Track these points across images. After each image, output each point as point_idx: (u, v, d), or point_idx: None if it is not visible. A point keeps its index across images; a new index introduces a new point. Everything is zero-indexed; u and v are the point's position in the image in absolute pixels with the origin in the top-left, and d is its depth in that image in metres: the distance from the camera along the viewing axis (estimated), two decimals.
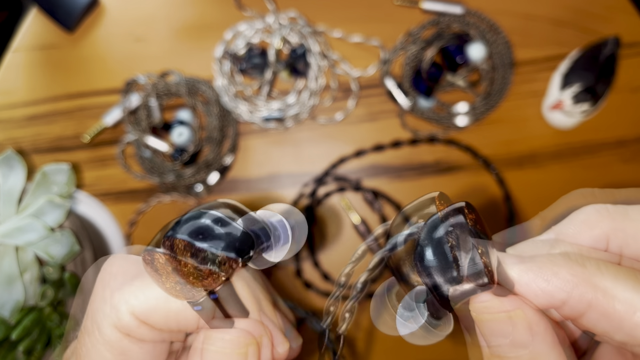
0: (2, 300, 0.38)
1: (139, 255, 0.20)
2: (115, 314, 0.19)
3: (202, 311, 0.19)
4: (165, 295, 0.19)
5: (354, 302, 0.19)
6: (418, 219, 0.18)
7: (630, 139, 0.50)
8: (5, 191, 0.41)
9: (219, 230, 0.18)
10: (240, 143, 0.51)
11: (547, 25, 0.51)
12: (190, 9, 0.52)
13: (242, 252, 0.18)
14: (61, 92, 0.51)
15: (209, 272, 0.18)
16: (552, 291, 0.16)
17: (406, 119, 0.50)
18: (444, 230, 0.17)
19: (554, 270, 0.17)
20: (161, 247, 0.18)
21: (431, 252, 0.17)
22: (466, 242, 0.16)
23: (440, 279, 0.17)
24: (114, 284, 0.19)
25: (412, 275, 0.18)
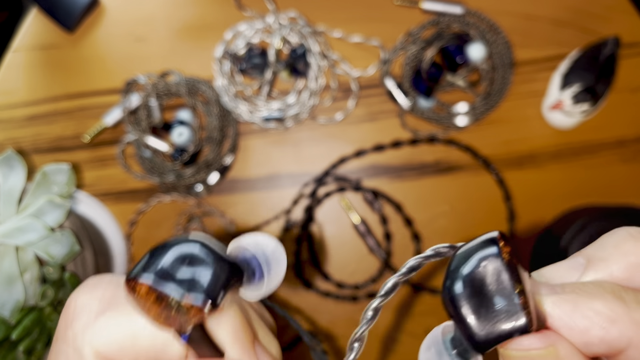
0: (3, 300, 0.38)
1: (106, 288, 0.19)
2: (79, 357, 0.17)
3: (190, 342, 0.17)
4: (132, 333, 0.17)
5: (364, 331, 0.17)
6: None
7: (630, 138, 0.50)
8: (5, 191, 0.41)
9: (186, 271, 0.16)
10: (240, 143, 0.51)
11: (547, 25, 0.51)
12: (190, 9, 0.52)
13: (209, 299, 0.16)
14: (61, 92, 0.51)
15: (175, 317, 0.16)
16: (589, 327, 0.15)
17: (406, 119, 0.50)
18: (475, 263, 0.15)
19: (590, 303, 0.15)
20: (124, 288, 0.16)
21: (461, 287, 0.15)
22: (501, 278, 0.15)
23: (470, 318, 0.15)
24: (77, 323, 0.18)
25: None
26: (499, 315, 0.15)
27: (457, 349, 0.16)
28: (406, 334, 0.49)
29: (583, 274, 0.17)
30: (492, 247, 0.15)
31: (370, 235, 0.49)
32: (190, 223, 0.50)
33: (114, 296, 0.18)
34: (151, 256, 0.16)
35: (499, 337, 0.15)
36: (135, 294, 0.16)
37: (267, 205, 0.50)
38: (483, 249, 0.15)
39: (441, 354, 0.17)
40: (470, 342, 0.15)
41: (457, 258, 0.15)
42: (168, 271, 0.16)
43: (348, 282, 0.49)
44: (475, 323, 0.15)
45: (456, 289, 0.15)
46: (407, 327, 0.49)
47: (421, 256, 0.17)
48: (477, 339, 0.15)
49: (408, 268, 0.17)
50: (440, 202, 0.50)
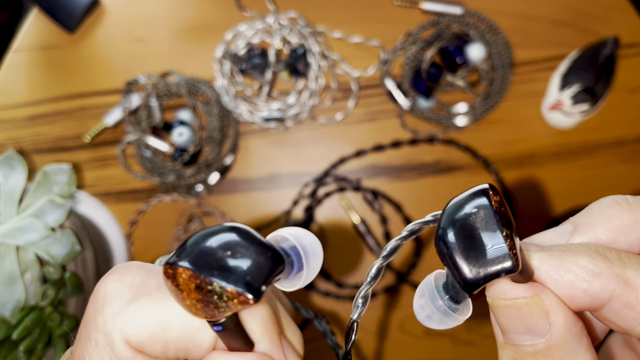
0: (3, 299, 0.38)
1: (135, 274, 0.19)
2: (109, 344, 0.17)
3: (222, 332, 0.17)
4: (164, 321, 0.17)
5: (368, 289, 0.18)
6: None
7: (629, 139, 0.50)
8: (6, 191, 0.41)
9: (229, 259, 0.16)
10: (240, 143, 0.51)
11: (547, 25, 0.51)
12: (190, 10, 0.52)
13: (254, 289, 0.16)
14: (62, 93, 0.51)
15: (213, 306, 0.16)
16: (574, 280, 0.16)
17: (406, 119, 0.50)
18: (466, 211, 0.16)
19: (575, 259, 0.16)
20: (162, 274, 0.16)
21: (453, 233, 0.16)
22: (490, 224, 0.16)
23: (461, 260, 0.16)
24: (108, 310, 0.18)
25: None
26: (487, 257, 0.16)
27: (449, 293, 0.17)
28: (403, 332, 0.49)
29: (571, 238, 0.18)
30: (482, 197, 0.16)
31: (370, 235, 0.49)
32: (191, 223, 0.50)
33: (144, 284, 0.18)
34: (190, 244, 0.16)
35: (486, 277, 0.16)
36: (175, 279, 0.16)
37: (267, 205, 0.50)
38: (474, 199, 0.16)
39: (434, 298, 0.18)
40: (460, 282, 0.16)
41: (449, 207, 0.16)
42: (211, 258, 0.16)
43: (348, 282, 0.49)
44: (465, 265, 0.16)
45: (448, 234, 0.16)
46: (405, 326, 0.49)
47: (421, 221, 0.18)
48: (467, 279, 0.16)
49: (409, 231, 0.18)
50: (440, 202, 0.50)
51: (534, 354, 0.16)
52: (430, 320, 0.18)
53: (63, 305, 0.41)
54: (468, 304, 0.18)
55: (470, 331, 0.49)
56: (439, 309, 0.18)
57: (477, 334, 0.49)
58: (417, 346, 0.49)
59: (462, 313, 0.18)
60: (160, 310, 0.17)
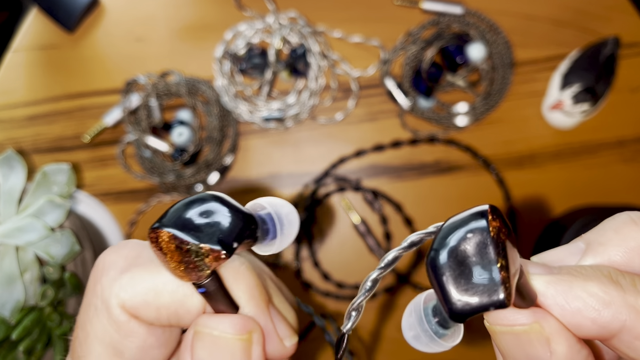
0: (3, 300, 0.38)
1: (131, 248, 0.20)
2: (106, 309, 0.19)
3: (206, 294, 0.18)
4: (155, 287, 0.19)
5: (362, 301, 0.18)
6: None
7: (630, 138, 0.50)
8: (5, 191, 0.41)
9: (204, 221, 0.17)
10: (240, 143, 0.51)
11: (547, 25, 0.51)
12: (190, 9, 0.52)
13: (226, 245, 0.17)
14: (61, 92, 0.51)
15: (194, 265, 0.17)
16: (582, 308, 0.15)
17: (406, 119, 0.50)
18: (462, 233, 0.15)
19: (585, 284, 0.15)
20: (148, 238, 0.18)
21: (444, 256, 0.15)
22: (485, 251, 0.14)
23: (450, 287, 0.15)
24: (105, 278, 0.19)
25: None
26: (477, 287, 0.14)
27: (438, 317, 0.17)
28: None
29: (582, 258, 0.17)
30: (480, 220, 0.15)
31: (370, 235, 0.49)
32: None
33: (139, 255, 0.20)
34: (172, 210, 0.18)
35: (475, 309, 0.15)
36: (157, 243, 0.17)
37: None
38: (471, 221, 0.15)
39: (421, 321, 0.17)
40: (447, 311, 0.15)
41: (445, 228, 0.15)
42: (188, 221, 0.17)
43: (348, 282, 0.49)
44: (454, 293, 0.15)
45: (439, 257, 0.15)
46: None
47: (422, 232, 0.17)
48: (454, 308, 0.15)
49: (409, 243, 0.17)
50: (440, 202, 0.50)
51: (514, 348, 0.16)
52: (417, 341, 0.17)
53: (62, 306, 0.41)
54: (459, 329, 0.17)
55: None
56: (425, 332, 0.17)
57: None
58: None
59: (450, 339, 0.17)
60: (152, 278, 0.19)
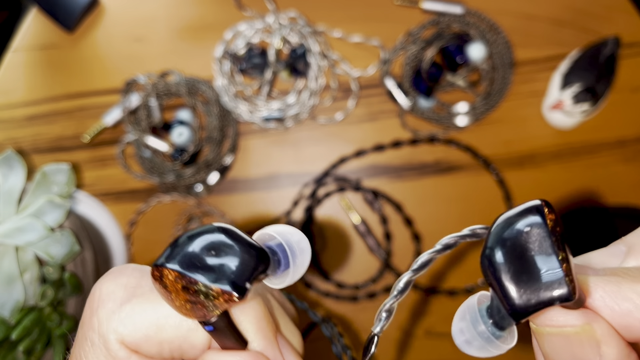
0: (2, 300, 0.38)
1: (130, 275, 0.19)
2: (104, 344, 0.17)
3: (214, 332, 0.17)
4: (157, 322, 0.17)
5: (394, 303, 0.17)
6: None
7: (631, 138, 0.50)
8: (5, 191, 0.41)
9: (214, 259, 0.16)
10: (240, 143, 0.51)
11: (547, 25, 0.51)
12: (190, 9, 0.52)
13: (238, 286, 0.16)
14: (61, 92, 0.51)
15: (202, 305, 0.16)
16: (632, 309, 0.15)
17: (406, 119, 0.50)
18: (518, 229, 0.15)
19: (634, 285, 0.15)
20: (150, 276, 0.16)
21: (502, 252, 0.15)
22: (545, 245, 0.14)
23: (510, 284, 0.14)
24: (102, 311, 0.18)
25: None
26: (540, 282, 0.14)
27: (494, 318, 0.16)
28: (404, 333, 0.49)
29: (624, 261, 0.17)
30: (536, 215, 0.15)
31: (370, 235, 0.49)
32: (190, 223, 0.50)
33: (139, 285, 0.18)
34: (177, 245, 0.16)
35: (538, 304, 0.14)
36: (162, 281, 0.16)
37: (267, 205, 0.50)
38: (527, 216, 0.15)
39: (476, 323, 0.16)
40: (509, 309, 0.15)
41: (498, 224, 0.15)
42: (196, 258, 0.16)
43: (348, 282, 0.49)
44: (515, 289, 0.14)
45: (496, 254, 0.15)
46: (406, 327, 0.49)
47: (457, 235, 0.17)
48: (517, 305, 0.14)
49: (443, 245, 0.17)
50: (440, 202, 0.50)
51: (561, 351, 0.15)
52: (469, 345, 0.17)
53: (62, 306, 0.41)
54: (513, 332, 0.16)
55: None
56: (481, 335, 0.16)
57: None
58: (417, 346, 0.49)
59: (506, 341, 0.16)
60: (153, 311, 0.18)
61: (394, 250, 0.49)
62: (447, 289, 0.49)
